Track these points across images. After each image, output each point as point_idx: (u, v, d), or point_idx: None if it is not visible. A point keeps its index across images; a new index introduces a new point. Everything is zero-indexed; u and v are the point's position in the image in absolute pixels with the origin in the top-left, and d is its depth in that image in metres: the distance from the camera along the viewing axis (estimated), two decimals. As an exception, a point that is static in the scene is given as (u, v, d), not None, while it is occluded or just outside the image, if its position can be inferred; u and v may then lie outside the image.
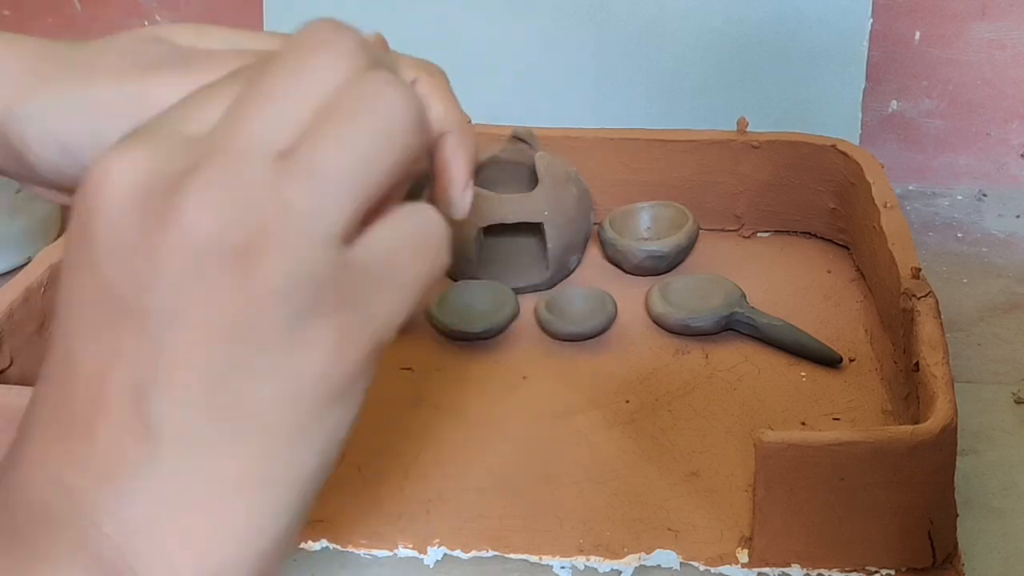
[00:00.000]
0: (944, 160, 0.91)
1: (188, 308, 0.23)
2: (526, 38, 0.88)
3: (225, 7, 0.96)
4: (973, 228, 0.83)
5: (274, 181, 0.24)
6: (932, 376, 0.52)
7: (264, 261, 0.23)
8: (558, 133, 0.78)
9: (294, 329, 0.24)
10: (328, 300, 0.24)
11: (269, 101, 0.25)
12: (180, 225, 0.23)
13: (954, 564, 0.50)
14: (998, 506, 0.54)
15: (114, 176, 0.24)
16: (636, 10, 0.86)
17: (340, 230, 0.24)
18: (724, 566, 0.51)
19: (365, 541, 0.53)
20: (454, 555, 0.52)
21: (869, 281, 0.71)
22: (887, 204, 0.67)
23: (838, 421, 0.60)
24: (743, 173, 0.77)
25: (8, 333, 0.59)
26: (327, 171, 0.24)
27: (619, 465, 0.57)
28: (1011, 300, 0.73)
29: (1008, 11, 0.86)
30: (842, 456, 0.47)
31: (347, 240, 0.25)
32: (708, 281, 0.70)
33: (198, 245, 0.23)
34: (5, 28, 0.99)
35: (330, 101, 0.25)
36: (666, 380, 0.64)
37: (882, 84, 0.89)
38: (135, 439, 0.24)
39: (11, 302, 0.59)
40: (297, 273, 0.24)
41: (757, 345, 0.67)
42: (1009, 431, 0.60)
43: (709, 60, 0.86)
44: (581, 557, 0.52)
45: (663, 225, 0.76)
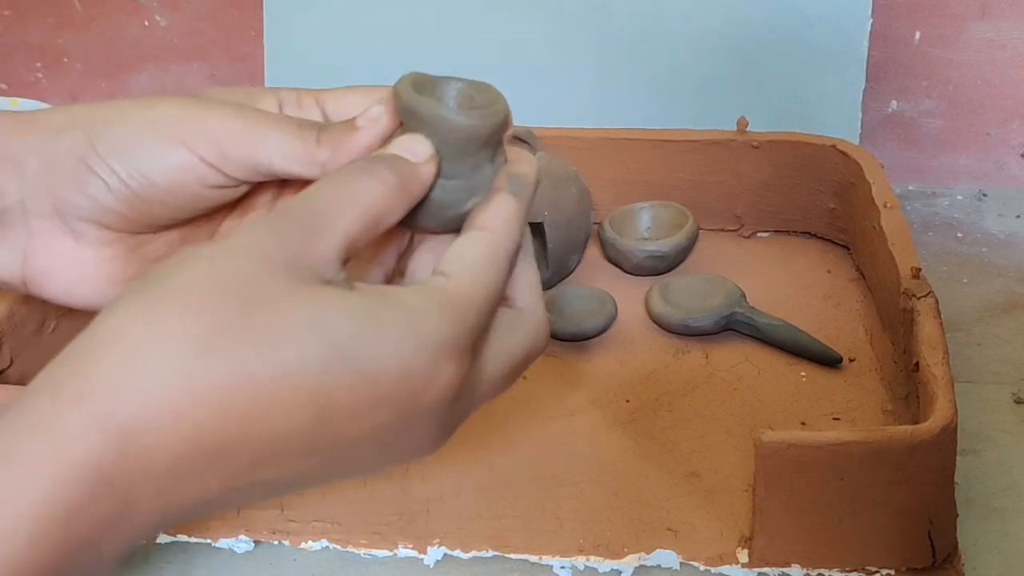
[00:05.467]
0: (944, 160, 0.91)
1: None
2: (526, 38, 0.88)
3: (225, 7, 0.96)
4: (973, 228, 0.83)
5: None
6: (932, 376, 0.52)
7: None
8: (558, 133, 0.78)
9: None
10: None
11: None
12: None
13: (954, 564, 0.50)
14: (998, 506, 0.54)
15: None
16: (636, 10, 0.86)
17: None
18: (724, 566, 0.51)
19: (365, 541, 0.53)
20: (454, 555, 0.52)
21: (869, 281, 0.71)
22: (887, 204, 0.67)
23: (838, 421, 0.60)
24: (743, 173, 0.77)
25: (8, 333, 0.59)
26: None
27: (619, 465, 0.57)
28: (1011, 300, 0.73)
29: (1008, 11, 0.86)
30: (842, 456, 0.47)
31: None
32: (708, 281, 0.70)
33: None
34: (5, 28, 0.99)
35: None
36: (666, 380, 0.64)
37: (882, 84, 0.89)
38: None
39: (11, 302, 0.59)
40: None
41: (757, 345, 0.67)
42: (1009, 431, 0.60)
43: (709, 60, 0.86)
44: (581, 557, 0.52)
45: (663, 225, 0.76)
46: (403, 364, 0.31)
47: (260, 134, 0.39)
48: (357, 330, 0.30)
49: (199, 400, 0.28)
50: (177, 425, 0.28)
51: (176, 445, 0.28)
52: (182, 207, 0.40)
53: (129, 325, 0.29)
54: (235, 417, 0.29)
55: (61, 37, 0.99)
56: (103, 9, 0.97)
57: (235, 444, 0.29)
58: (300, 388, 0.29)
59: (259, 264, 0.30)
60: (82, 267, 0.42)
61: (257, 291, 0.30)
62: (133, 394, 0.28)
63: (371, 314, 0.31)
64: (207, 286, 0.29)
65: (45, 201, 0.40)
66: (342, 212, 0.33)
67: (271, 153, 0.39)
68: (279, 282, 0.30)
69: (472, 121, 0.36)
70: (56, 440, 0.27)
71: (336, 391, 0.30)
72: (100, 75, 1.00)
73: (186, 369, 0.28)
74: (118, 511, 0.28)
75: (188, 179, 0.39)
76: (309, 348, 0.30)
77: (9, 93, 1.01)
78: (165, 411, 0.28)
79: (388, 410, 0.31)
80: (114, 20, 0.98)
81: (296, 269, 0.31)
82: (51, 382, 0.29)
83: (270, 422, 0.29)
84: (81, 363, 0.29)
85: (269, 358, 0.29)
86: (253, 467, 0.30)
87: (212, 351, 0.29)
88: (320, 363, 0.30)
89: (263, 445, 0.30)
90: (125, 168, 0.39)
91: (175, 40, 0.97)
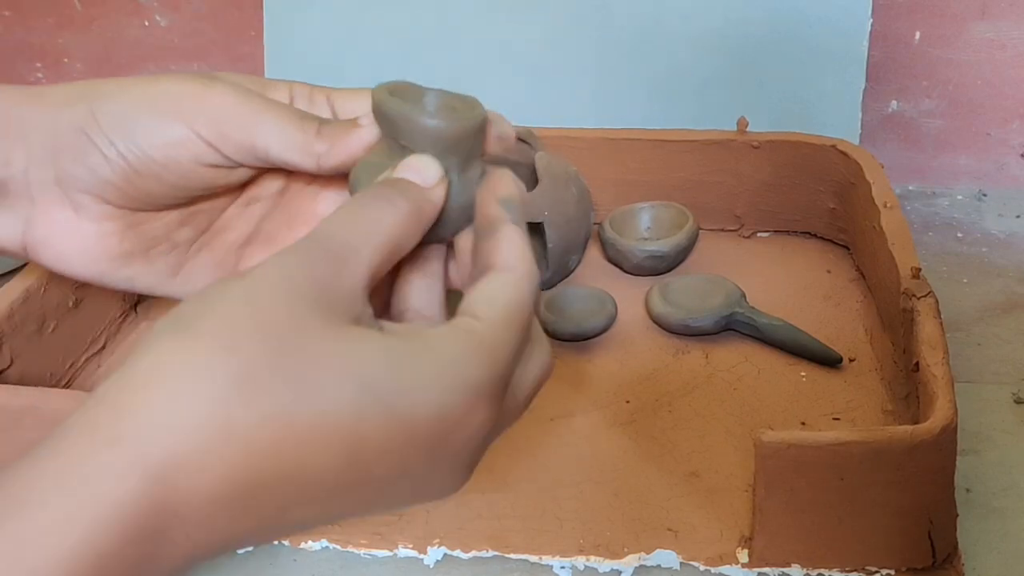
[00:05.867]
0: (944, 160, 0.91)
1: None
2: (527, 38, 0.88)
3: (225, 7, 0.96)
4: (973, 228, 0.83)
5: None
6: (932, 376, 0.52)
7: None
8: (558, 133, 0.78)
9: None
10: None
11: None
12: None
13: (954, 564, 0.50)
14: (998, 506, 0.54)
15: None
16: (636, 10, 0.86)
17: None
18: (724, 566, 0.51)
19: (365, 541, 0.53)
20: (454, 555, 0.52)
21: (869, 281, 0.71)
22: (887, 204, 0.67)
23: (838, 421, 0.60)
24: (743, 173, 0.77)
25: (8, 333, 0.59)
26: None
27: (619, 465, 0.57)
28: (1011, 300, 0.73)
29: (1008, 11, 0.86)
30: (842, 456, 0.48)
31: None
32: (708, 281, 0.70)
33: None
34: (5, 28, 0.99)
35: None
36: (666, 380, 0.64)
37: (882, 84, 0.89)
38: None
39: (11, 302, 0.59)
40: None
41: (757, 345, 0.67)
42: (1009, 431, 0.60)
43: (709, 60, 0.86)
44: (581, 557, 0.52)
45: (663, 225, 0.76)
46: (437, 408, 0.31)
47: (260, 118, 0.39)
48: (391, 374, 0.30)
49: (234, 442, 0.28)
50: (212, 467, 0.28)
51: (210, 487, 0.28)
52: (179, 184, 0.41)
53: (167, 366, 0.29)
54: (269, 460, 0.29)
55: (61, 37, 0.99)
56: (103, 9, 0.97)
57: (267, 486, 0.29)
58: (335, 431, 0.29)
59: (293, 302, 0.30)
60: (80, 239, 0.42)
61: (293, 332, 0.30)
62: (171, 437, 0.28)
63: (406, 358, 0.31)
64: (243, 326, 0.29)
65: (48, 172, 0.41)
66: (366, 243, 0.33)
67: (269, 138, 0.39)
68: (314, 323, 0.30)
69: (441, 123, 0.36)
70: (91, 484, 0.27)
71: (370, 434, 0.30)
72: (100, 75, 1.00)
73: (224, 412, 0.28)
74: (148, 555, 0.28)
75: (184, 155, 0.40)
76: (344, 391, 0.30)
77: (9, 93, 1.01)
78: (201, 453, 0.28)
79: (419, 453, 0.31)
80: (114, 20, 0.98)
81: (329, 307, 0.31)
82: (86, 422, 0.28)
83: (303, 464, 0.29)
84: (116, 404, 0.28)
85: (306, 401, 0.29)
86: (283, 508, 0.30)
87: (250, 393, 0.29)
88: (355, 406, 0.30)
89: (295, 487, 0.30)
90: (123, 141, 0.40)
91: (175, 40, 0.98)
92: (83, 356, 0.66)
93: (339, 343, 0.30)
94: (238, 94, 0.39)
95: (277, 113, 0.39)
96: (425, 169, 0.36)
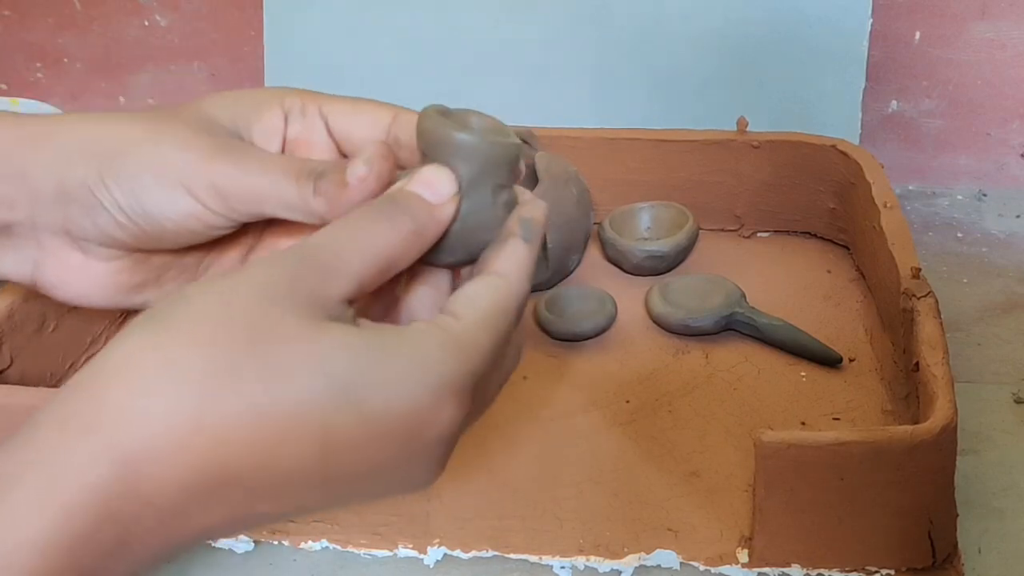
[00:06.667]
0: (944, 160, 0.91)
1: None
2: (526, 38, 0.88)
3: (225, 7, 0.96)
4: (973, 228, 0.83)
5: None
6: (932, 376, 0.52)
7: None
8: (558, 133, 0.78)
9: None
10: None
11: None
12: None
13: (954, 564, 0.50)
14: (998, 506, 0.54)
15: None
16: (636, 10, 0.86)
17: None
18: (724, 566, 0.51)
19: (365, 541, 0.53)
20: (454, 555, 0.52)
21: (869, 281, 0.71)
22: (887, 204, 0.67)
23: (838, 421, 0.60)
24: (743, 173, 0.77)
25: (8, 333, 0.59)
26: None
27: (619, 465, 0.57)
28: (1011, 300, 0.73)
29: (1008, 11, 0.86)
30: (842, 456, 0.47)
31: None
32: (708, 281, 0.70)
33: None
34: (5, 28, 0.99)
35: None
36: (666, 380, 0.64)
37: (882, 84, 0.89)
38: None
39: (11, 302, 0.59)
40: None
41: (757, 345, 0.67)
42: (1009, 431, 0.60)
43: (709, 60, 0.86)
44: (581, 557, 0.52)
45: (663, 225, 0.76)
46: (407, 403, 0.31)
47: (261, 188, 0.39)
48: (363, 368, 0.31)
49: (205, 433, 0.29)
50: (183, 457, 0.28)
51: (181, 477, 0.29)
52: (187, 240, 0.42)
53: (138, 358, 0.29)
54: (240, 450, 0.29)
55: (61, 37, 0.99)
56: (103, 9, 0.97)
57: (239, 477, 0.29)
58: (305, 424, 0.30)
59: (266, 299, 0.31)
60: (92, 278, 0.43)
61: (264, 326, 0.30)
62: (141, 426, 0.28)
63: (377, 352, 0.31)
64: (215, 319, 0.30)
65: (55, 219, 0.41)
66: (357, 257, 0.33)
67: (272, 204, 0.40)
68: (286, 317, 0.30)
69: (502, 141, 0.36)
70: (63, 470, 0.28)
71: (340, 427, 0.30)
72: (100, 75, 1.00)
73: (193, 402, 0.29)
74: (121, 541, 0.28)
75: (193, 223, 0.40)
76: (315, 385, 0.30)
77: (9, 93, 1.01)
78: (172, 443, 0.28)
79: (389, 446, 0.31)
80: (114, 20, 0.98)
81: (304, 306, 0.31)
82: (59, 412, 0.29)
83: (274, 456, 0.30)
84: (89, 395, 0.29)
85: (275, 394, 0.29)
86: (255, 499, 0.30)
87: (219, 385, 0.29)
88: (325, 400, 0.30)
89: (266, 478, 0.30)
90: (132, 207, 0.40)
91: (175, 40, 0.98)
92: (83, 356, 0.66)
93: (311, 337, 0.30)
94: (237, 164, 0.40)
95: (274, 179, 0.39)
96: (439, 183, 0.36)
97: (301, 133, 0.43)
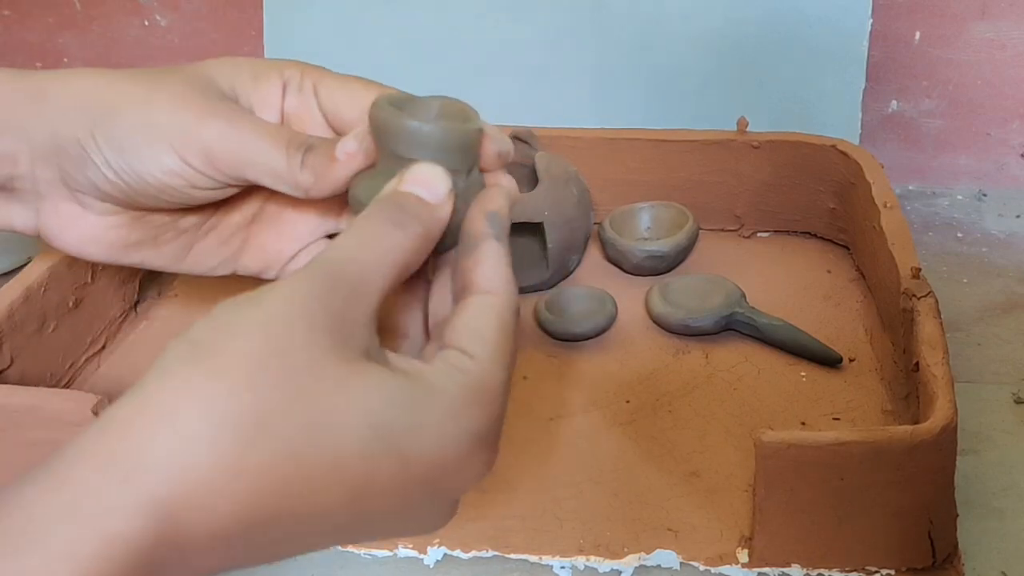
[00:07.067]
0: (944, 160, 0.91)
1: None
2: (526, 38, 0.88)
3: (225, 7, 0.96)
4: (973, 228, 0.83)
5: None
6: (932, 376, 0.52)
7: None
8: (558, 133, 0.78)
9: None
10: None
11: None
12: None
13: (954, 564, 0.50)
14: (998, 506, 0.54)
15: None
16: (636, 10, 0.86)
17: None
18: (724, 566, 0.51)
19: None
20: (454, 555, 0.52)
21: (869, 281, 0.71)
22: (887, 204, 0.67)
23: (838, 421, 0.60)
24: (743, 173, 0.77)
25: (8, 333, 0.59)
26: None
27: (619, 465, 0.57)
28: (1011, 300, 0.73)
29: (1008, 11, 0.86)
30: (842, 456, 0.47)
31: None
32: (708, 281, 0.70)
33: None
34: (5, 28, 0.99)
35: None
36: (666, 380, 0.64)
37: (882, 84, 0.89)
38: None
39: (11, 302, 0.59)
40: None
41: (757, 345, 0.67)
42: (1009, 431, 0.60)
43: (709, 60, 0.86)
44: (581, 557, 0.52)
45: (663, 225, 0.76)
46: (441, 453, 0.32)
47: (248, 150, 0.40)
48: (399, 417, 0.31)
49: (245, 481, 0.28)
50: (219, 504, 0.28)
51: (215, 525, 0.28)
52: (175, 201, 0.42)
53: (181, 399, 0.28)
54: (276, 498, 0.29)
55: (61, 37, 0.99)
56: (103, 9, 0.97)
57: (270, 522, 0.29)
58: (343, 472, 0.30)
59: (309, 337, 0.30)
60: (89, 229, 0.44)
61: (308, 371, 0.30)
62: (182, 475, 0.28)
63: (413, 401, 0.31)
64: (259, 362, 0.29)
65: (52, 172, 0.42)
66: (378, 271, 0.33)
67: (259, 171, 0.40)
68: (329, 360, 0.30)
69: (443, 129, 0.36)
70: (100, 520, 0.27)
71: (376, 476, 0.30)
72: (100, 75, 1.00)
73: (237, 451, 0.28)
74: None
75: (178, 182, 0.41)
76: (356, 434, 0.30)
77: (9, 93, 1.01)
78: (211, 493, 0.28)
79: (418, 493, 0.32)
80: (114, 20, 0.98)
81: (343, 341, 0.31)
82: (98, 453, 0.28)
83: (308, 503, 0.30)
84: (130, 437, 0.28)
85: (318, 443, 0.29)
86: (281, 541, 0.30)
87: (263, 433, 0.29)
88: (364, 448, 0.30)
89: (296, 523, 0.30)
90: (119, 164, 0.41)
91: (175, 40, 0.98)
92: (83, 356, 0.66)
93: (352, 384, 0.30)
94: (227, 127, 0.40)
95: (265, 146, 0.40)
96: (434, 182, 0.36)
97: (297, 107, 0.43)
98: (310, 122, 0.43)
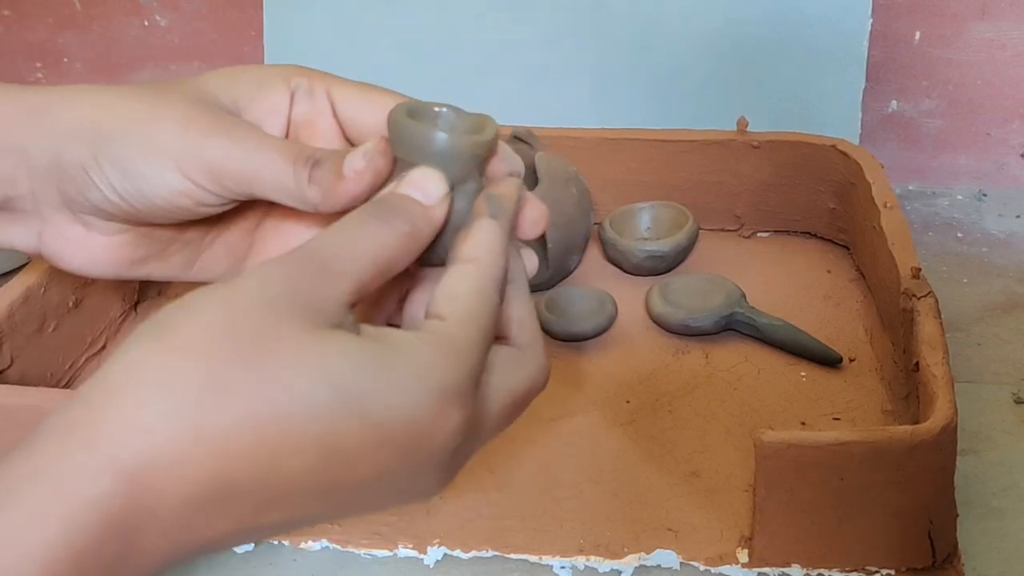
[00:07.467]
0: (944, 160, 0.91)
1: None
2: (526, 38, 0.88)
3: (225, 7, 0.96)
4: (973, 228, 0.83)
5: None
6: (932, 376, 0.52)
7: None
8: (558, 133, 0.78)
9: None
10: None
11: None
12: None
13: (954, 564, 0.50)
14: (998, 506, 0.54)
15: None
16: (636, 10, 0.86)
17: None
18: (724, 566, 0.51)
19: (365, 541, 0.53)
20: (454, 555, 0.52)
21: (869, 281, 0.71)
22: (887, 204, 0.67)
23: (838, 421, 0.60)
24: (743, 173, 0.77)
25: (8, 333, 0.59)
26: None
27: (619, 465, 0.57)
28: (1011, 300, 0.73)
29: (1008, 11, 0.86)
30: (842, 456, 0.47)
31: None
32: (708, 281, 0.70)
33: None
34: (5, 28, 0.99)
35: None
36: (666, 380, 0.64)
37: (882, 84, 0.89)
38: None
39: (11, 302, 0.59)
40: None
41: (757, 345, 0.67)
42: (1009, 431, 0.60)
43: (709, 60, 0.86)
44: (581, 557, 0.52)
45: (663, 225, 0.76)
46: (409, 411, 0.31)
47: (256, 169, 0.39)
48: (364, 376, 0.31)
49: (206, 444, 0.29)
50: (184, 469, 0.29)
51: (184, 488, 0.29)
52: (181, 217, 0.42)
53: (139, 370, 0.29)
54: (242, 461, 0.29)
55: (61, 37, 0.99)
56: (103, 9, 0.97)
57: (242, 487, 0.29)
58: (307, 433, 0.30)
59: (268, 308, 0.31)
60: (94, 250, 0.43)
61: (265, 335, 0.30)
62: (142, 440, 0.28)
63: (378, 361, 0.31)
64: (214, 329, 0.30)
65: (53, 195, 0.42)
66: (355, 261, 0.33)
67: (266, 188, 0.40)
68: (287, 326, 0.30)
69: (450, 139, 0.36)
70: (67, 483, 0.28)
71: (342, 436, 0.30)
72: (100, 75, 1.00)
73: (193, 414, 0.29)
74: (124, 553, 0.28)
75: (185, 201, 0.40)
76: (316, 394, 0.30)
77: (9, 93, 1.01)
78: (173, 455, 0.28)
79: (394, 455, 0.31)
80: (114, 20, 0.98)
81: (304, 313, 0.31)
82: (61, 425, 0.29)
83: (277, 466, 0.30)
84: (91, 408, 0.29)
85: (276, 403, 0.29)
86: (259, 510, 0.30)
87: (222, 397, 0.29)
88: (326, 409, 0.30)
89: (270, 489, 0.30)
90: (123, 186, 0.40)
91: (175, 40, 0.98)
92: (83, 356, 0.66)
93: (311, 346, 0.30)
94: (234, 145, 0.39)
95: (271, 161, 0.39)
96: (429, 185, 0.36)
97: (307, 114, 0.43)
98: (319, 130, 0.42)
